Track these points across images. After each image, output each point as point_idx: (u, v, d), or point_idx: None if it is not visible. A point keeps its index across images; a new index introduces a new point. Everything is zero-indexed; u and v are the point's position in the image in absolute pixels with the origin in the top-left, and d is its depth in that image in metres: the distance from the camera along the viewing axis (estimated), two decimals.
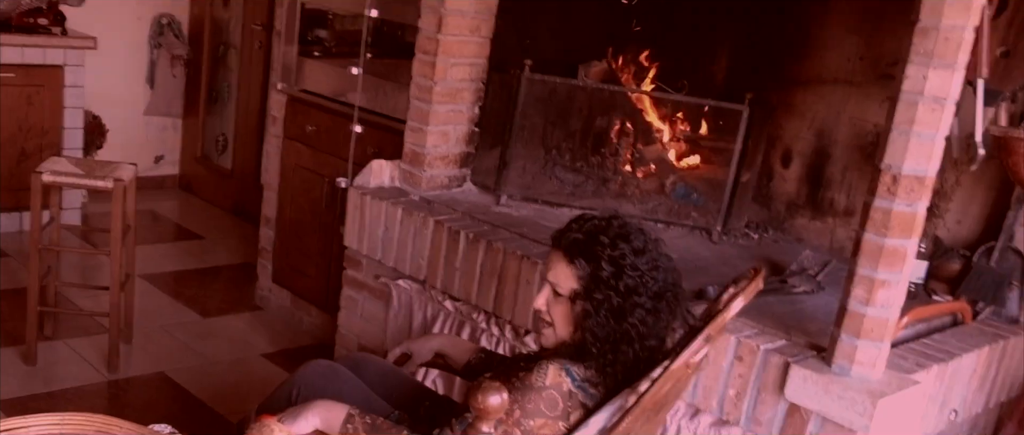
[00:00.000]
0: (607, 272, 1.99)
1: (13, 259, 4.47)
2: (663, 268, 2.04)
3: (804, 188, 3.48)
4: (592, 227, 2.05)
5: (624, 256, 2.00)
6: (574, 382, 2.00)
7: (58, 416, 1.41)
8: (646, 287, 2.00)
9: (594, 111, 3.64)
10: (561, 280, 2.06)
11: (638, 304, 1.99)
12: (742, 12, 3.58)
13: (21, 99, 4.67)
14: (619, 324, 1.99)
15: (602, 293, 2.00)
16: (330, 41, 4.33)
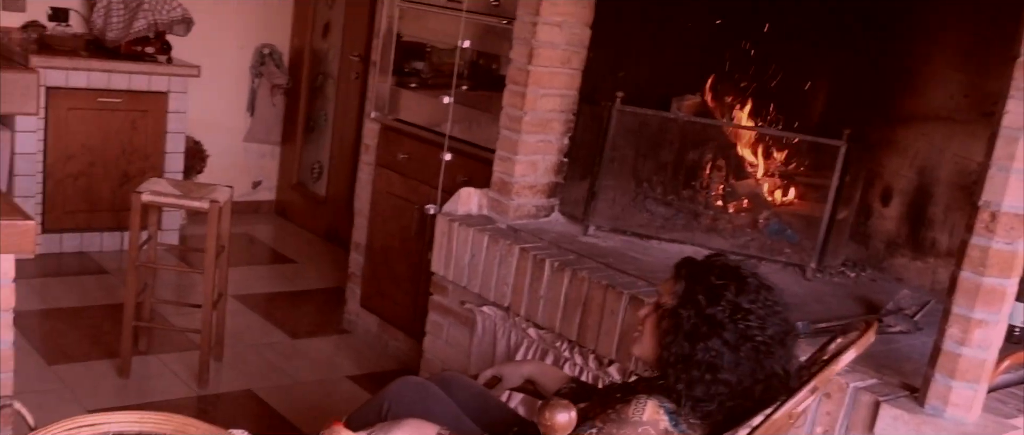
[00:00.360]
0: (702, 298, 1.98)
1: (113, 276, 4.60)
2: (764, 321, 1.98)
3: (904, 227, 3.37)
4: (715, 261, 2.06)
5: (726, 288, 1.98)
6: (671, 420, 1.96)
7: (138, 414, 1.43)
8: (734, 325, 1.96)
9: (686, 144, 3.60)
10: (665, 292, 2.07)
11: (718, 335, 1.96)
12: (843, 47, 3.50)
13: (126, 123, 4.84)
14: (692, 346, 1.96)
15: (688, 312, 1.99)
16: (427, 73, 4.37)
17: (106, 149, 4.78)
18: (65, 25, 4.98)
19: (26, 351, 3.69)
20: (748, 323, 1.97)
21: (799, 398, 1.90)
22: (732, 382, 1.96)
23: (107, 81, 4.71)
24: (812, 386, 1.91)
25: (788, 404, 1.89)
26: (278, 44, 5.82)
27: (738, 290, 1.98)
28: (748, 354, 1.96)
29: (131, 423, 1.41)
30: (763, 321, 1.98)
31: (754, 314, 1.98)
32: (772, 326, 1.99)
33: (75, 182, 4.75)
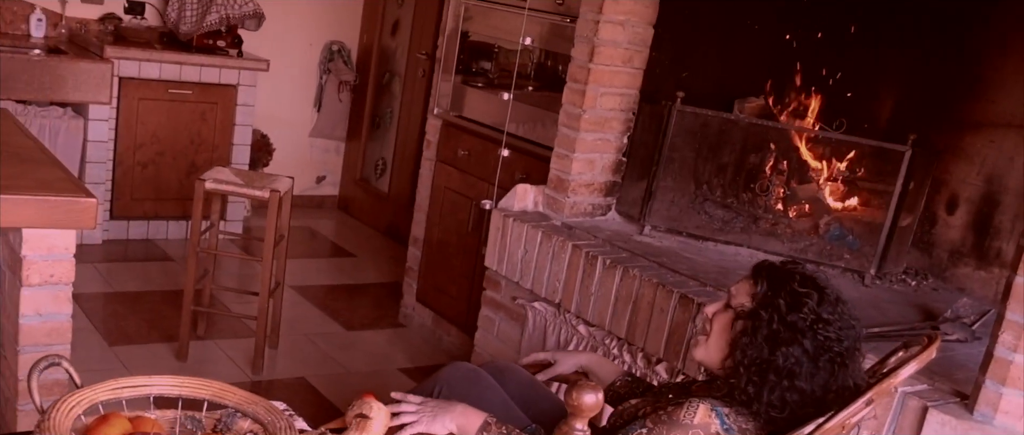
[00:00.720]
0: (783, 302, 1.95)
1: (177, 264, 4.70)
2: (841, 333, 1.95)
3: (969, 236, 3.28)
4: (795, 268, 2.03)
5: (808, 296, 1.95)
6: (722, 424, 1.93)
7: (178, 379, 1.45)
8: (813, 334, 1.93)
9: (748, 146, 3.55)
10: (739, 293, 2.03)
11: (798, 342, 1.92)
12: (912, 51, 3.43)
13: (196, 115, 4.94)
14: (772, 351, 1.93)
15: (768, 315, 1.95)
16: (494, 73, 4.39)
17: (175, 139, 4.88)
18: (140, 18, 5.11)
19: (88, 331, 3.78)
20: (828, 334, 1.94)
21: (853, 409, 1.86)
22: (806, 391, 1.93)
23: (178, 73, 4.81)
24: (867, 398, 1.86)
25: (841, 414, 1.85)
26: (347, 41, 5.89)
27: (820, 300, 1.95)
28: (825, 365, 1.93)
29: (172, 387, 1.43)
30: (840, 333, 1.95)
31: (833, 325, 1.95)
32: (847, 339, 1.96)
33: (144, 171, 4.86)
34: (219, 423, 1.43)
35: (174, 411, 1.47)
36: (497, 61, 4.46)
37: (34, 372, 1.40)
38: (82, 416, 1.37)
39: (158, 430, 1.36)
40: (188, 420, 1.46)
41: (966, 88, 3.31)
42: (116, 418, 1.35)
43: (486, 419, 2.08)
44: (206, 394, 1.44)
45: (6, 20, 4.83)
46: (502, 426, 2.07)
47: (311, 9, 5.70)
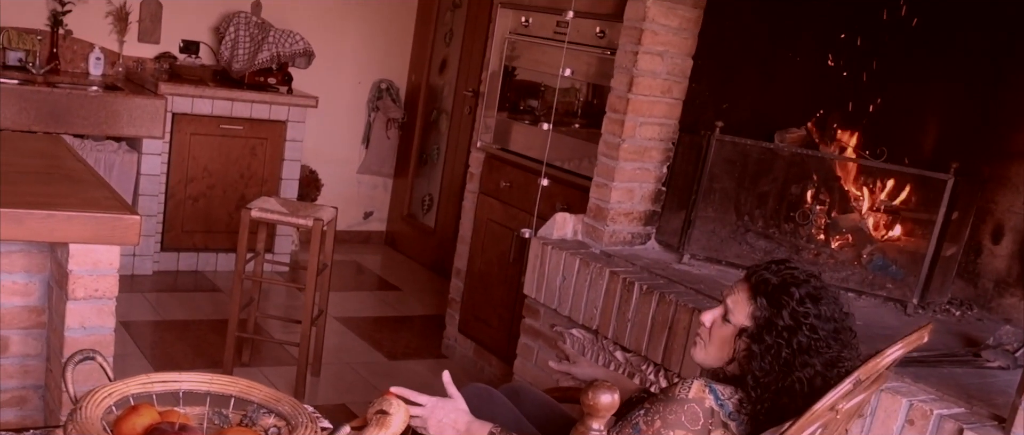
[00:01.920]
0: (784, 323, 1.94)
1: (224, 295, 4.78)
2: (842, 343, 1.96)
3: (1016, 266, 3.23)
4: (789, 276, 2.00)
5: (808, 315, 1.94)
6: (717, 400, 1.95)
7: (208, 375, 1.49)
8: (819, 352, 1.93)
9: (788, 176, 3.54)
10: (737, 310, 2.02)
11: (808, 364, 1.93)
12: (955, 80, 3.41)
13: (246, 150, 5.05)
14: (784, 377, 1.93)
15: (773, 340, 1.95)
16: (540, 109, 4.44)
17: (225, 173, 4.99)
18: (195, 57, 5.26)
19: (136, 357, 3.86)
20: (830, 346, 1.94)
21: (840, 389, 1.84)
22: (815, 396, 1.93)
23: (230, 109, 4.93)
24: (855, 377, 1.85)
25: (829, 396, 1.84)
26: (396, 79, 6.00)
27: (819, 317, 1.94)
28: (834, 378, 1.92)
29: (200, 383, 1.47)
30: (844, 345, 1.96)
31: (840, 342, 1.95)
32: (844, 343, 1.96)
33: (194, 204, 4.97)
34: (245, 418, 1.47)
35: (202, 407, 1.51)
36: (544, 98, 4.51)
37: (69, 365, 1.45)
38: (113, 408, 1.41)
39: (185, 421, 1.40)
40: (215, 415, 1.50)
41: (1011, 116, 3.27)
42: (146, 409, 1.39)
43: (491, 430, 2.09)
44: (233, 391, 1.48)
45: (66, 58, 5.00)
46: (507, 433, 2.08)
47: (361, 48, 5.82)
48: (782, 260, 2.07)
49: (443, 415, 2.14)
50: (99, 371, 1.55)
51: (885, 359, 1.86)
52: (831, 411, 1.85)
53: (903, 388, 2.35)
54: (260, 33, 5.11)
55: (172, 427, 1.33)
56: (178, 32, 5.22)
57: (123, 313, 4.19)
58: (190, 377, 1.48)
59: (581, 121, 4.08)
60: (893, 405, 2.30)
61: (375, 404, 1.48)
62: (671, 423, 1.93)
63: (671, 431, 1.93)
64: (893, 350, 1.86)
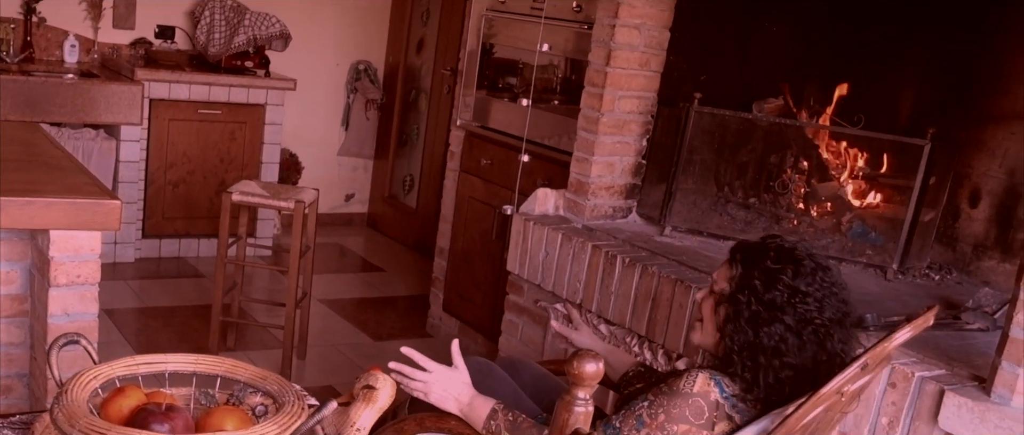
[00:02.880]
0: (758, 281, 1.96)
1: (207, 280, 4.77)
2: (822, 301, 1.96)
3: (993, 229, 3.26)
4: (770, 243, 2.04)
5: (781, 271, 1.95)
6: (722, 393, 1.95)
7: (194, 356, 1.49)
8: (793, 308, 1.94)
9: (767, 146, 3.56)
10: (719, 278, 2.06)
11: (779, 319, 1.93)
12: (930, 46, 3.44)
13: (225, 134, 5.03)
14: (756, 333, 1.94)
15: (745, 297, 1.96)
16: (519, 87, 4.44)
17: (205, 158, 4.97)
18: (171, 42, 5.22)
19: (120, 344, 3.86)
20: (807, 306, 1.94)
21: (848, 373, 1.85)
22: (796, 365, 1.94)
23: (207, 94, 4.91)
24: (863, 362, 1.85)
25: (836, 379, 1.85)
26: (373, 60, 5.98)
27: (795, 273, 1.95)
28: (810, 337, 1.94)
29: (186, 364, 1.47)
30: (821, 303, 1.95)
31: (812, 296, 1.95)
32: (830, 308, 1.96)
33: (174, 190, 4.95)
34: (231, 397, 1.47)
35: (189, 388, 1.52)
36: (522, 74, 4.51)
37: (54, 349, 1.45)
38: (99, 390, 1.41)
39: (172, 402, 1.40)
40: (202, 395, 1.50)
41: (986, 81, 3.30)
42: (132, 390, 1.39)
43: (493, 407, 2.10)
44: (219, 371, 1.48)
45: (41, 46, 4.96)
46: (509, 413, 2.09)
47: (337, 29, 5.80)
48: (772, 235, 2.09)
49: (448, 385, 2.15)
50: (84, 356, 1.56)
51: (893, 342, 1.86)
52: (837, 394, 1.86)
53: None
54: (236, 16, 5.08)
55: (159, 407, 1.34)
56: (153, 17, 5.19)
57: (106, 301, 4.18)
58: (176, 359, 1.48)
59: (560, 97, 4.08)
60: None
61: (361, 379, 1.49)
62: (675, 417, 1.93)
63: (675, 426, 1.92)
64: (901, 334, 1.86)
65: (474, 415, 2.11)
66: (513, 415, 2.08)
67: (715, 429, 1.94)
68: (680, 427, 1.93)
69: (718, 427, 1.94)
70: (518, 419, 2.08)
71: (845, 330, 1.99)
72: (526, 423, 2.07)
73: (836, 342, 1.97)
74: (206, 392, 1.50)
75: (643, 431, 1.93)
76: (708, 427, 1.93)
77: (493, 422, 2.08)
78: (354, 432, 1.40)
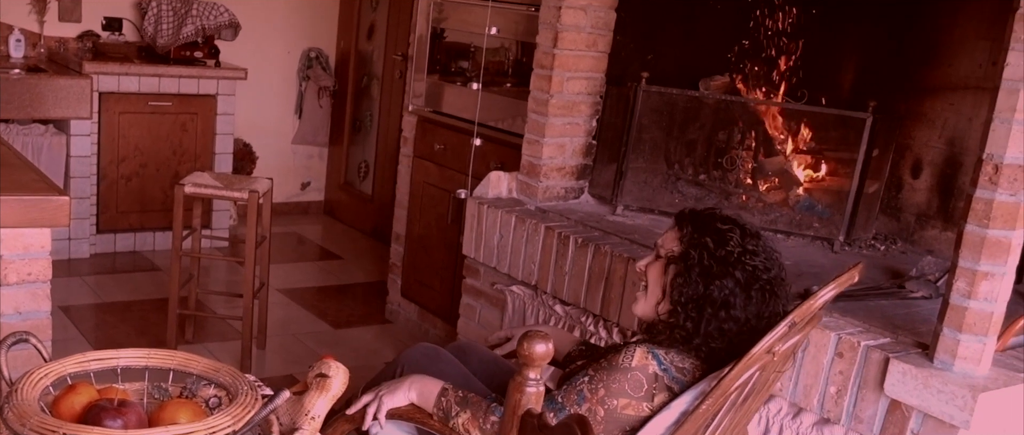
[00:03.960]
0: (710, 239, 2.05)
1: (164, 274, 4.75)
2: (768, 261, 2.07)
3: (935, 198, 3.35)
4: (715, 211, 2.14)
5: (731, 231, 2.06)
6: (660, 365, 2.02)
7: (145, 351, 1.51)
8: (742, 265, 2.03)
9: (714, 123, 3.61)
10: (665, 243, 2.14)
11: (730, 274, 2.02)
12: (868, 21, 3.50)
13: (176, 126, 5.00)
14: (706, 285, 2.02)
15: (697, 253, 2.05)
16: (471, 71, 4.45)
17: (157, 151, 4.94)
18: (118, 34, 5.17)
19: (77, 341, 3.84)
20: (755, 264, 2.04)
21: (777, 332, 1.92)
22: (741, 319, 2.03)
23: (157, 85, 4.88)
24: (790, 320, 1.93)
25: (765, 339, 1.91)
26: (324, 47, 5.96)
27: (742, 234, 2.07)
28: (757, 294, 2.04)
29: (138, 358, 1.49)
30: (767, 263, 2.06)
31: (759, 256, 2.06)
32: (773, 268, 2.07)
33: (128, 184, 4.92)
34: (184, 390, 1.49)
35: (141, 383, 1.53)
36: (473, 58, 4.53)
37: (2, 348, 1.46)
38: (50, 388, 1.43)
39: (124, 397, 1.42)
40: (155, 389, 1.52)
41: (923, 53, 3.37)
42: (83, 387, 1.41)
43: (443, 386, 2.15)
44: (172, 364, 1.50)
45: None
46: (458, 391, 2.13)
47: (287, 17, 5.77)
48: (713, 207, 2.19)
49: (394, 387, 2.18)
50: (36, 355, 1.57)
51: (818, 300, 1.93)
52: (768, 354, 1.92)
53: (831, 322, 2.44)
54: (183, 6, 5.04)
55: (111, 403, 1.35)
56: (100, 10, 5.13)
57: (62, 298, 4.17)
58: (127, 353, 1.50)
59: (511, 80, 4.11)
60: (822, 339, 2.39)
61: (314, 368, 1.51)
62: (615, 392, 1.99)
63: (615, 400, 1.99)
64: (825, 292, 1.93)
65: (424, 397, 2.15)
66: (463, 393, 2.13)
67: (654, 401, 2.00)
68: (620, 401, 1.99)
69: (657, 399, 2.00)
70: (468, 396, 2.12)
71: (786, 291, 2.10)
72: (474, 398, 2.11)
73: (780, 301, 2.07)
74: (159, 386, 1.52)
75: (584, 406, 1.99)
76: (648, 400, 1.99)
77: (443, 399, 2.12)
78: (309, 421, 1.43)
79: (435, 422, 2.13)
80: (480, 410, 2.07)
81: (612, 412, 1.98)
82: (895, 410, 2.26)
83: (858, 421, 2.33)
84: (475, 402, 2.09)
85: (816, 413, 2.43)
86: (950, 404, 2.12)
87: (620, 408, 1.99)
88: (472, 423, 2.06)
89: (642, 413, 1.99)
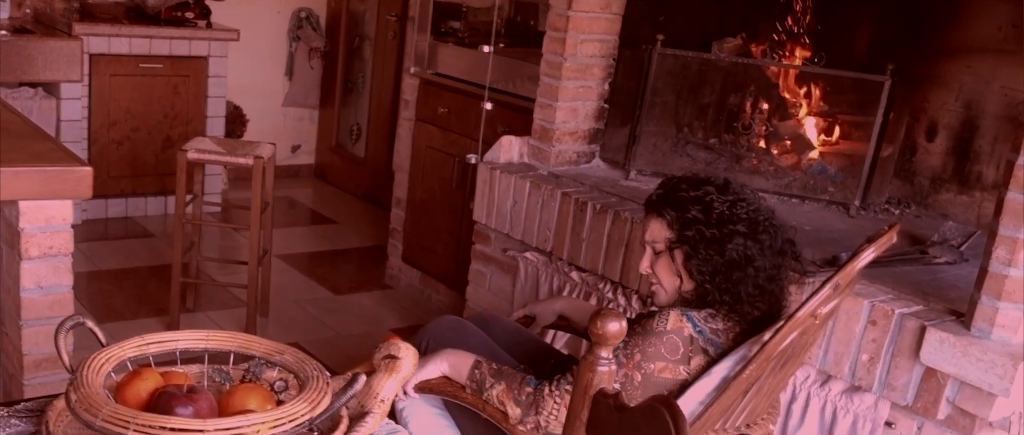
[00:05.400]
0: (695, 210, 2.04)
1: (158, 239, 4.67)
2: (749, 201, 2.07)
3: (950, 162, 3.33)
4: (672, 182, 2.13)
5: (707, 194, 2.05)
6: (695, 327, 2.01)
7: (205, 333, 1.46)
8: (736, 215, 2.03)
9: (728, 87, 3.57)
10: (656, 236, 2.11)
11: (735, 231, 2.02)
12: None
13: (168, 89, 4.89)
14: (722, 252, 2.01)
15: (695, 230, 2.04)
16: (463, 32, 4.38)
17: (149, 114, 4.84)
18: None
19: (78, 309, 3.75)
20: (747, 207, 2.05)
21: (822, 295, 1.90)
22: (767, 267, 2.03)
23: (148, 47, 4.76)
24: (835, 283, 1.91)
25: (811, 302, 1.90)
26: (314, 7, 5.84)
27: (718, 189, 2.06)
28: (765, 234, 2.04)
29: (198, 340, 1.44)
30: (754, 203, 2.07)
31: (743, 200, 2.06)
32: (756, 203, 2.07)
33: (119, 148, 4.81)
34: (248, 373, 1.44)
35: (201, 365, 1.48)
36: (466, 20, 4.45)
37: (61, 332, 1.40)
38: (112, 373, 1.37)
39: (189, 382, 1.37)
40: (216, 372, 1.47)
41: (940, 15, 3.34)
42: (148, 372, 1.35)
43: (476, 359, 2.12)
44: (233, 346, 1.45)
45: None
46: (492, 363, 2.11)
47: None
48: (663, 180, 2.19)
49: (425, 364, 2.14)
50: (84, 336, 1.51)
51: (860, 262, 1.91)
52: (811, 318, 1.90)
53: (862, 289, 2.42)
54: None
55: (180, 390, 1.30)
56: None
57: None
58: (186, 335, 1.44)
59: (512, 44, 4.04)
60: (855, 307, 2.37)
61: (381, 349, 1.47)
62: (651, 355, 1.98)
63: (651, 363, 1.97)
64: (867, 253, 1.91)
65: (456, 370, 2.12)
66: (497, 365, 2.10)
67: (691, 364, 1.99)
68: (657, 364, 1.98)
69: (694, 362, 1.99)
70: (503, 368, 2.10)
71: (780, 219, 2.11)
72: (508, 371, 2.09)
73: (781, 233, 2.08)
74: (219, 369, 1.47)
75: (621, 372, 1.98)
76: (684, 362, 1.98)
77: (477, 371, 2.10)
78: (378, 404, 1.38)
79: (468, 394, 2.10)
80: (515, 382, 2.05)
81: (649, 376, 1.97)
82: (930, 378, 2.26)
83: (891, 389, 2.33)
84: (510, 374, 2.06)
85: (846, 381, 2.42)
86: (990, 372, 2.12)
87: (657, 371, 1.98)
88: (507, 395, 2.03)
89: (679, 376, 1.98)
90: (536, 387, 2.03)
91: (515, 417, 2.00)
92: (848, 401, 2.42)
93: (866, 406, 2.38)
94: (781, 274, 2.05)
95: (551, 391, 1.99)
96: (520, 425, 2.00)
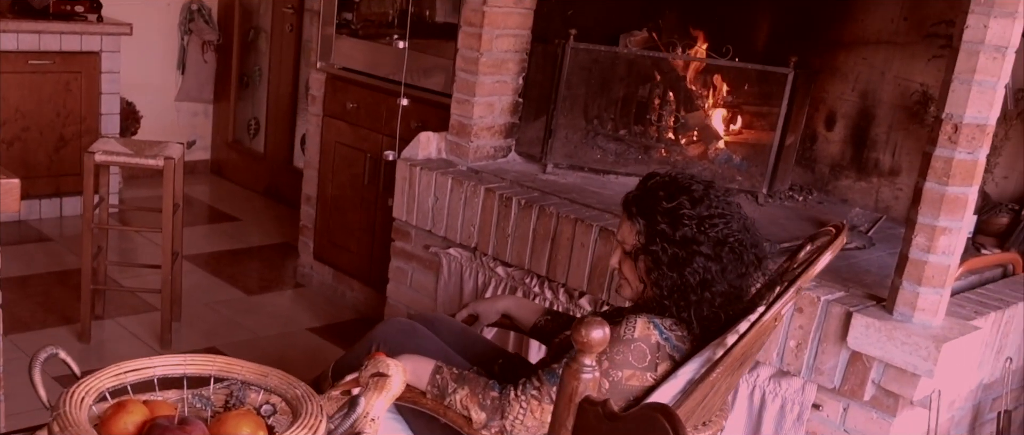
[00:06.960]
0: (663, 224, 2.02)
1: (57, 243, 4.51)
2: (726, 216, 2.04)
3: (848, 150, 3.51)
4: (653, 183, 2.09)
5: (681, 206, 2.01)
6: (662, 334, 2.02)
7: (182, 357, 1.45)
8: (705, 234, 2.00)
9: (637, 79, 3.67)
10: (626, 238, 2.11)
11: (697, 252, 2.00)
12: None
13: (60, 86, 4.71)
14: (681, 274, 2.01)
15: (659, 246, 2.03)
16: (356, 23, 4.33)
17: (40, 113, 4.66)
18: None
19: None
20: (716, 227, 2.01)
21: (786, 299, 1.98)
22: (725, 289, 2.02)
23: (37, 42, 4.57)
24: (798, 286, 1.98)
25: (775, 306, 1.97)
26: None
27: (691, 201, 2.02)
28: (729, 256, 2.02)
29: (175, 366, 1.43)
30: (726, 218, 2.03)
31: (717, 216, 2.02)
32: (735, 219, 2.05)
33: (9, 148, 4.62)
34: (231, 398, 1.44)
35: (179, 391, 1.47)
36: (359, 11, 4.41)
37: (36, 365, 1.37)
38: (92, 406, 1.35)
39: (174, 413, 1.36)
40: (196, 398, 1.46)
41: (836, 9, 3.50)
42: (133, 404, 1.33)
43: (437, 364, 2.13)
44: (212, 369, 1.44)
45: None
46: (452, 368, 2.12)
47: None
48: (647, 175, 2.14)
49: None
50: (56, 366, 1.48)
51: (819, 265, 1.98)
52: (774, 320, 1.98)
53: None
54: None
55: (170, 421, 1.29)
56: None
57: None
58: (164, 361, 1.43)
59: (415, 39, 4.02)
60: None
61: (368, 367, 1.48)
62: (619, 363, 2.00)
63: (619, 371, 2.00)
64: (826, 256, 1.99)
65: (416, 375, 2.13)
66: (458, 370, 2.12)
67: (658, 370, 2.02)
68: (624, 372, 2.01)
69: (660, 368, 2.03)
70: (463, 373, 2.11)
71: (754, 234, 2.09)
72: (470, 375, 2.10)
73: (749, 250, 2.06)
74: (199, 394, 1.46)
75: None
76: (651, 369, 2.02)
77: (438, 376, 2.10)
78: (368, 423, 1.40)
79: (428, 400, 2.11)
80: (478, 386, 2.07)
81: (617, 384, 1.99)
82: (856, 361, 2.39)
83: (818, 373, 2.45)
84: (472, 379, 2.09)
85: (774, 366, 2.54)
86: (914, 355, 2.26)
87: (625, 379, 1.99)
88: (471, 399, 2.05)
89: (646, 383, 2.00)
90: (501, 392, 2.05)
91: (479, 421, 2.02)
92: (776, 385, 2.54)
93: (793, 390, 2.50)
94: (743, 291, 2.05)
95: (517, 395, 2.02)
96: (484, 429, 2.02)
